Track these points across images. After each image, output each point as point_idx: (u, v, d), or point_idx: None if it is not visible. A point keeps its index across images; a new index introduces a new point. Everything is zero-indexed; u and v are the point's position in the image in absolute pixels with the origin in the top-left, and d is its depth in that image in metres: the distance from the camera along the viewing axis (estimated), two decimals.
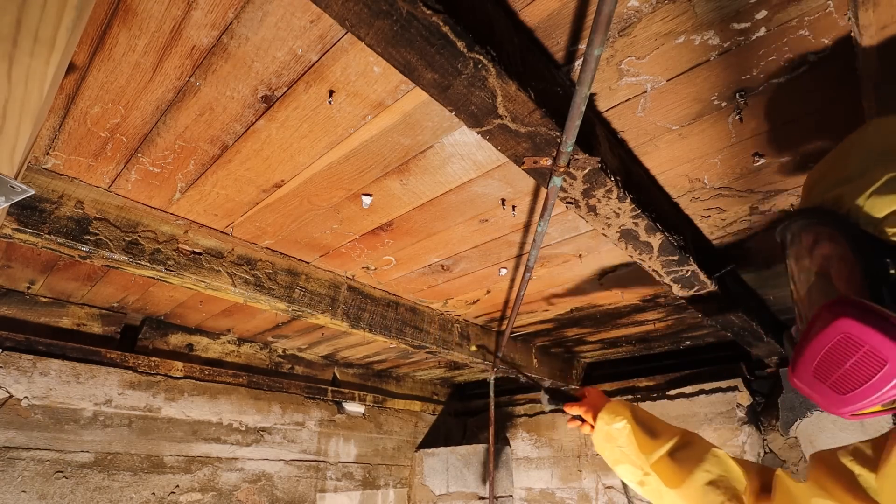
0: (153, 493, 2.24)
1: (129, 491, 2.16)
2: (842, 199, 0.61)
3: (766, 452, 2.60)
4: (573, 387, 1.14)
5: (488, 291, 2.05)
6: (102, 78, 0.98)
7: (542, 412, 3.46)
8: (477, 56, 0.74)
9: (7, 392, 1.94)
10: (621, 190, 1.08)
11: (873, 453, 0.68)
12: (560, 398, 1.21)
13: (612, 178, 1.04)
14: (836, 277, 0.62)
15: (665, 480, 0.98)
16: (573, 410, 1.20)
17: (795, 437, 2.50)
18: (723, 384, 2.67)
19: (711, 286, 1.56)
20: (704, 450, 0.98)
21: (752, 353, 2.36)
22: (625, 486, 1.17)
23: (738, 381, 2.63)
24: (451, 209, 1.45)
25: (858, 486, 0.67)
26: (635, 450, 1.03)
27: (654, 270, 1.46)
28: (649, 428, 1.06)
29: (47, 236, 1.25)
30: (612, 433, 1.07)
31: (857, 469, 0.69)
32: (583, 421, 1.19)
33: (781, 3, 0.83)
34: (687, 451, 0.99)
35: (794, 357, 0.61)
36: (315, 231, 1.57)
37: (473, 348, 2.35)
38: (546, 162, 0.98)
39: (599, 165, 0.99)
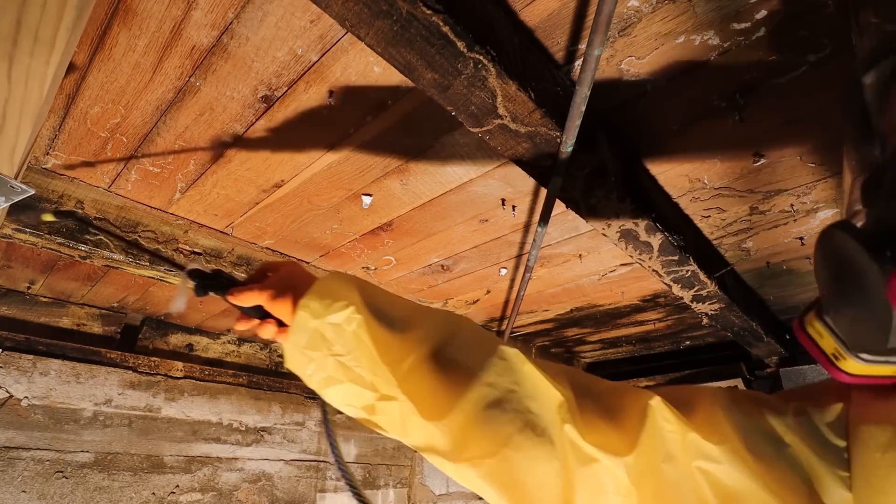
0: (153, 493, 2.24)
1: (129, 491, 2.16)
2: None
3: None
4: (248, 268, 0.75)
5: (488, 291, 2.05)
6: (102, 78, 0.98)
7: None
8: (477, 56, 0.74)
9: (7, 392, 1.94)
10: (621, 190, 1.08)
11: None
12: (214, 286, 0.69)
13: (612, 178, 1.04)
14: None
15: (419, 407, 0.55)
16: (243, 299, 0.65)
17: None
18: (723, 384, 2.67)
19: (711, 286, 1.56)
20: (488, 350, 0.58)
21: (752, 353, 2.36)
22: (326, 420, 0.71)
23: (738, 382, 2.63)
24: (451, 209, 1.45)
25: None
26: (369, 357, 0.57)
27: (654, 270, 1.46)
28: (393, 318, 0.61)
29: (47, 236, 1.25)
30: (326, 332, 0.59)
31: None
32: (262, 317, 0.67)
33: (781, 3, 0.83)
34: (460, 350, 0.59)
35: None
36: (315, 231, 1.57)
37: None
38: (546, 162, 0.98)
39: (599, 165, 0.99)
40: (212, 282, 0.70)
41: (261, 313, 0.67)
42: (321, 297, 0.60)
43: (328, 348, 0.59)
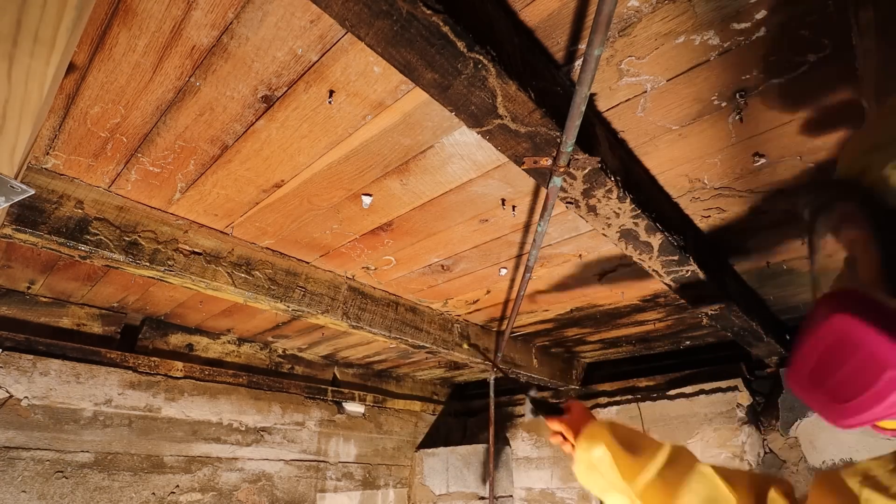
0: (153, 493, 2.24)
1: (129, 491, 2.16)
2: (870, 169, 0.50)
3: (766, 452, 2.60)
4: (560, 400, 1.05)
5: (488, 291, 2.06)
6: (102, 78, 0.98)
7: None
8: (477, 56, 0.74)
9: (7, 392, 1.94)
10: (621, 190, 1.08)
11: (884, 475, 0.54)
12: (543, 409, 1.10)
13: (612, 178, 1.04)
14: (851, 264, 0.52)
15: None
16: (554, 426, 1.07)
17: (795, 437, 2.50)
18: (723, 384, 2.67)
19: (711, 286, 1.56)
20: (689, 468, 0.88)
21: (752, 353, 2.36)
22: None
23: (738, 381, 2.63)
24: (451, 209, 1.45)
25: None
26: (619, 478, 0.91)
27: (654, 270, 1.46)
28: (631, 449, 0.94)
29: (47, 236, 1.25)
30: (594, 462, 0.95)
31: (866, 493, 0.55)
32: (565, 438, 1.06)
33: (781, 3, 0.83)
34: (672, 470, 0.89)
35: (791, 357, 0.52)
36: (315, 231, 1.57)
37: (465, 346, 2.35)
38: (546, 162, 0.98)
39: (599, 165, 0.99)
40: (540, 407, 1.10)
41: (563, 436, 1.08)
42: (587, 440, 0.97)
43: (597, 471, 0.96)
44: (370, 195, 1.37)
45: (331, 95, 1.01)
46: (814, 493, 0.65)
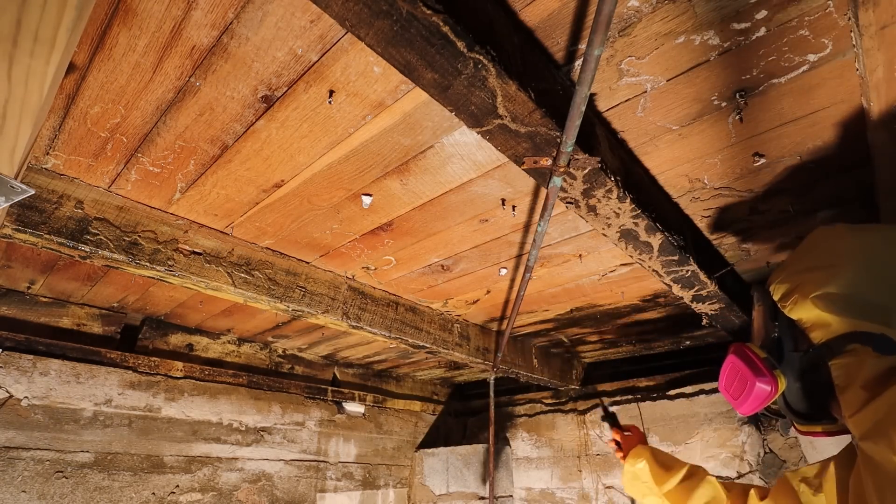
0: (153, 493, 2.24)
1: (129, 491, 2.16)
2: (771, 282, 0.93)
3: (766, 452, 2.60)
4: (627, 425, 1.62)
5: (488, 291, 2.06)
6: (102, 78, 0.98)
7: (542, 412, 3.46)
8: (477, 56, 0.74)
9: (7, 392, 1.94)
10: (621, 190, 1.08)
11: (815, 477, 0.97)
12: (611, 420, 1.62)
13: (612, 178, 1.04)
14: (757, 327, 0.98)
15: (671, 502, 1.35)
16: (616, 436, 1.56)
17: (795, 438, 2.50)
18: None
19: (711, 286, 1.56)
20: (701, 478, 1.30)
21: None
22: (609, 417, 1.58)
23: None
24: (451, 209, 1.45)
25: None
26: (653, 484, 1.34)
27: (654, 270, 1.46)
28: (664, 466, 1.37)
29: (47, 236, 1.25)
30: (637, 472, 1.38)
31: (802, 489, 0.97)
32: (618, 448, 1.52)
33: (781, 3, 0.83)
34: (690, 480, 1.31)
35: (719, 374, 0.99)
36: (315, 231, 1.57)
37: (466, 346, 2.35)
38: (546, 162, 0.98)
39: (599, 165, 0.99)
40: (611, 418, 1.55)
41: (619, 445, 1.55)
42: (633, 457, 1.41)
43: (639, 479, 1.38)
44: (370, 195, 1.37)
45: (331, 95, 1.01)
46: (773, 490, 1.09)
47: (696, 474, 1.31)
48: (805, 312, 0.82)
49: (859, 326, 0.73)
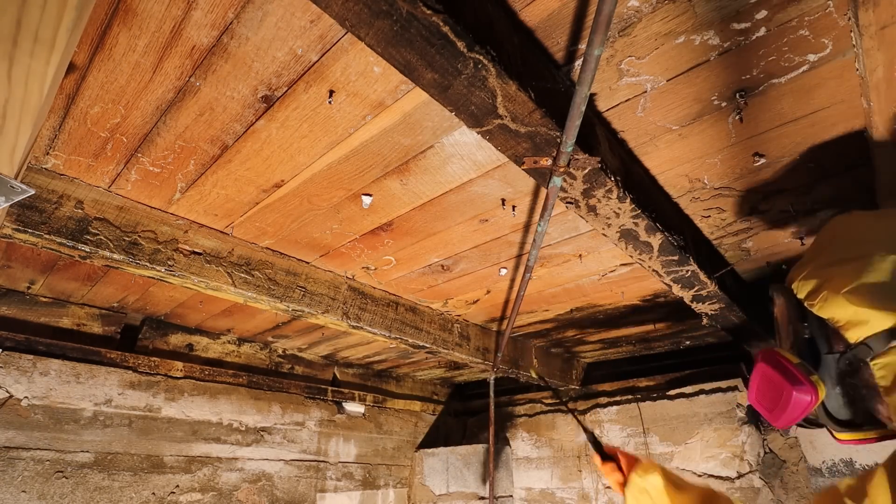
0: (153, 493, 2.24)
1: (129, 491, 2.16)
2: (792, 280, 0.85)
3: (766, 452, 2.60)
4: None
5: (488, 291, 2.05)
6: (102, 78, 0.98)
7: (542, 412, 3.46)
8: (477, 56, 0.74)
9: (7, 392, 1.94)
10: (621, 190, 1.08)
11: (858, 487, 0.80)
12: (597, 447, 1.42)
13: (612, 178, 1.04)
14: (783, 330, 0.89)
15: None
16: (609, 464, 1.35)
17: (795, 437, 2.50)
18: (723, 384, 2.67)
19: (711, 286, 1.56)
20: (722, 499, 1.23)
21: (751, 353, 2.36)
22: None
23: (738, 381, 2.63)
24: (451, 209, 1.45)
25: None
26: (666, 499, 1.23)
27: (654, 270, 1.46)
28: (676, 485, 1.27)
29: (47, 236, 1.25)
30: (647, 487, 1.27)
31: (846, 501, 0.80)
32: (619, 469, 1.33)
33: (781, 3, 0.83)
34: (712, 500, 1.22)
35: (748, 384, 0.89)
36: (315, 231, 1.57)
37: (466, 347, 2.35)
38: (546, 162, 0.98)
39: (599, 165, 0.99)
40: (596, 443, 1.34)
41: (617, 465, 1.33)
42: (644, 470, 1.23)
43: (647, 495, 1.23)
44: (370, 195, 1.37)
45: (331, 95, 1.01)
46: (816, 501, 0.93)
47: (712, 497, 1.19)
48: (838, 310, 0.75)
49: None
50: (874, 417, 0.77)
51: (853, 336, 0.73)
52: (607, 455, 1.33)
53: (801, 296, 0.82)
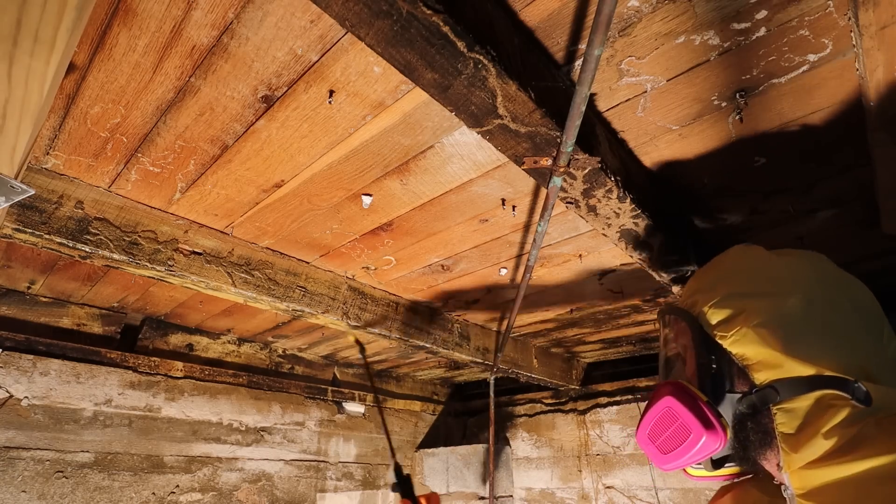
0: (153, 493, 2.24)
1: (129, 491, 2.17)
2: (696, 304, 0.78)
3: None
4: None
5: (488, 291, 2.05)
6: (102, 78, 0.98)
7: (542, 412, 3.46)
8: (477, 56, 0.74)
9: (7, 392, 1.94)
10: (621, 190, 1.08)
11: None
12: (404, 491, 1.23)
13: (613, 178, 1.04)
14: (683, 362, 0.79)
15: None
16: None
17: None
18: None
19: None
20: None
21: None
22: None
23: None
24: (451, 209, 1.45)
25: None
26: None
27: (654, 270, 1.46)
28: None
29: (47, 236, 1.25)
30: None
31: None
32: None
33: (781, 3, 0.83)
34: None
35: (640, 419, 0.78)
36: (315, 231, 1.57)
37: (466, 347, 2.35)
38: (546, 162, 0.98)
39: (599, 165, 0.99)
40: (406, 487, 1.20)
41: None
42: None
43: None
44: (370, 195, 1.37)
45: (331, 95, 1.01)
46: None
47: None
48: (751, 347, 0.69)
49: (822, 370, 0.64)
50: (754, 462, 0.72)
51: (761, 378, 0.68)
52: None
53: (711, 322, 0.74)
